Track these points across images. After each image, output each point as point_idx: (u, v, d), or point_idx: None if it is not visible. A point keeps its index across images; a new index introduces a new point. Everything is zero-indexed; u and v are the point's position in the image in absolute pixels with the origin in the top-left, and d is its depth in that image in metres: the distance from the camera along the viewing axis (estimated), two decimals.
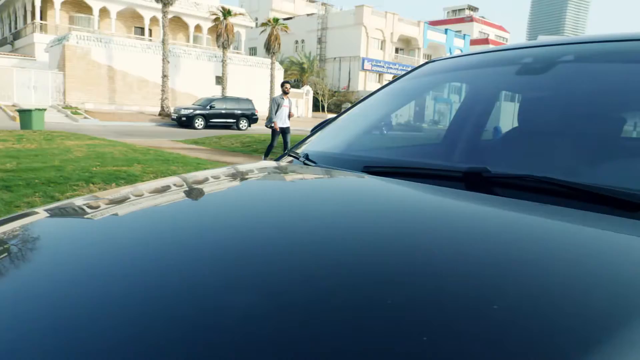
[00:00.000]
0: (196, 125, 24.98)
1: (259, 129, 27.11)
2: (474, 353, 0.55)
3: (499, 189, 1.15)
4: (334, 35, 49.01)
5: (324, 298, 0.68)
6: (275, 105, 10.77)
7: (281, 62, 41.00)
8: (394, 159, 1.53)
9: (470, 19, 66.95)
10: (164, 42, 28.25)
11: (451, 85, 2.25)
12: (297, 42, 51.57)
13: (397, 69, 49.85)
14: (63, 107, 27.14)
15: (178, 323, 0.63)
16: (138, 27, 37.59)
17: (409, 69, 2.18)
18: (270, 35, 33.60)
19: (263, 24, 34.80)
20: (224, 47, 31.41)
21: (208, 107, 25.87)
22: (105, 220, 1.14)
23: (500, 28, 71.74)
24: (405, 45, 53.59)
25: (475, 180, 1.16)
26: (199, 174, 1.68)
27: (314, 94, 42.72)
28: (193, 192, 1.42)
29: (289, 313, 0.64)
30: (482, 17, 70.73)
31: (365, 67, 47.08)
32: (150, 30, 37.63)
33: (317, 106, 44.07)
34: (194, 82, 33.49)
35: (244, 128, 26.75)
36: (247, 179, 1.62)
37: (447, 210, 1.11)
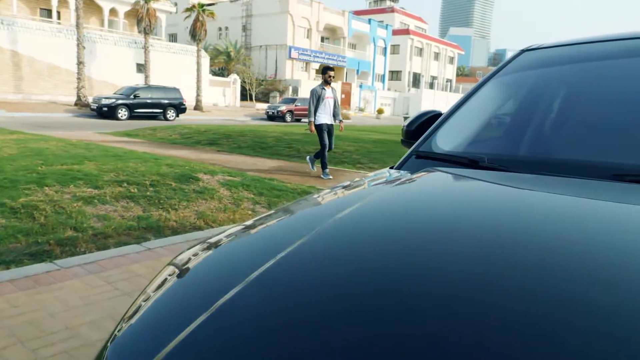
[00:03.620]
0: (119, 115, 23.42)
1: (189, 119, 25.88)
2: None
3: None
4: (259, 23, 47.82)
5: None
6: (314, 98, 8.49)
7: (205, 50, 39.36)
8: None
9: (392, 10, 68.08)
10: (78, 25, 26.03)
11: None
12: (220, 29, 49.80)
13: (324, 57, 49.68)
14: None
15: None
16: (44, 9, 34.37)
17: (505, 61, 2.01)
18: (195, 22, 32.03)
19: (187, 10, 33.07)
20: (146, 32, 29.53)
21: (132, 96, 24.32)
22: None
23: (419, 19, 73.74)
24: (331, 34, 53.50)
25: None
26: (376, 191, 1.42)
27: (241, 82, 41.55)
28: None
29: None
30: (402, 8, 72.30)
31: (292, 56, 46.41)
32: (58, 13, 34.56)
33: (244, 95, 42.93)
34: (113, 69, 31.39)
35: (171, 118, 25.47)
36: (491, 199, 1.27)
37: None
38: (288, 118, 30.54)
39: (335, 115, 8.74)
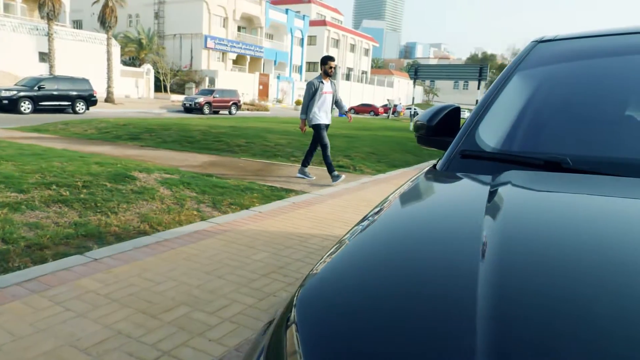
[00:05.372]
0: (22, 109, 21.50)
1: (101, 112, 24.30)
2: None
3: None
4: (173, 10, 45.82)
5: None
6: (310, 92, 7.36)
7: (115, 38, 37.14)
8: None
9: (308, 0, 68.08)
10: None
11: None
12: (130, 16, 47.16)
13: (241, 47, 48.71)
14: None
15: None
16: None
17: (521, 53, 1.96)
18: (105, 7, 30.03)
19: None
20: (49, 18, 27.26)
21: (36, 87, 22.38)
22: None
23: (336, 11, 74.33)
24: (248, 23, 52.48)
25: None
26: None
27: (154, 73, 39.69)
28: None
29: None
30: None
31: (208, 45, 44.98)
32: None
33: (158, 86, 41.05)
34: (13, 58, 28.79)
35: (81, 112, 23.75)
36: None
37: None
38: (206, 110, 29.60)
39: (340, 108, 7.83)
